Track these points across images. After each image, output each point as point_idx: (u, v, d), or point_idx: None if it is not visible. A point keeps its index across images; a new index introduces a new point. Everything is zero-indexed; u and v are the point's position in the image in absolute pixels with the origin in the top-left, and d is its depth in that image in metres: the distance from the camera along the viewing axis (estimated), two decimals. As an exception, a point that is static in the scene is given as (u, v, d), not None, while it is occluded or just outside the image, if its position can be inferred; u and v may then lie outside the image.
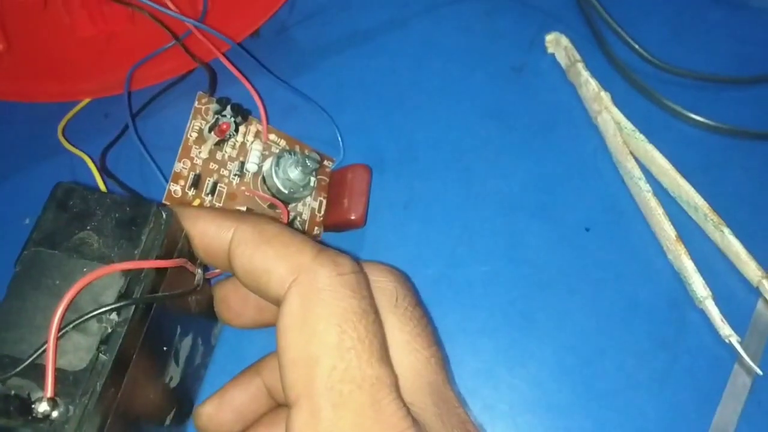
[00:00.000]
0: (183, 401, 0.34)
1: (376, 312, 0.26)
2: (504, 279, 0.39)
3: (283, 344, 0.25)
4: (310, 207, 0.40)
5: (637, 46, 0.46)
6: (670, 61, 0.46)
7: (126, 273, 0.25)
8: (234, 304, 0.33)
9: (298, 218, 0.40)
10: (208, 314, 0.34)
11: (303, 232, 0.39)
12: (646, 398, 0.37)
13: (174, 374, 0.31)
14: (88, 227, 0.26)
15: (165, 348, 0.29)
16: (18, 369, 0.23)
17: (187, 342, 0.32)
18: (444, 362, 0.28)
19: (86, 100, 0.44)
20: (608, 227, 0.41)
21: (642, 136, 0.42)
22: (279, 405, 0.33)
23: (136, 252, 0.26)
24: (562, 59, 0.46)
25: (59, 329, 0.23)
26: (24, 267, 0.25)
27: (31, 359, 0.23)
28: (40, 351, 0.23)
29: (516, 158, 0.43)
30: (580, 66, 0.44)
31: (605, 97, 0.43)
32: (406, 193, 0.42)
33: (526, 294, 0.39)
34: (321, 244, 0.27)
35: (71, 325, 0.24)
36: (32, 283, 0.25)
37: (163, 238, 0.26)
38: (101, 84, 0.44)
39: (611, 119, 0.42)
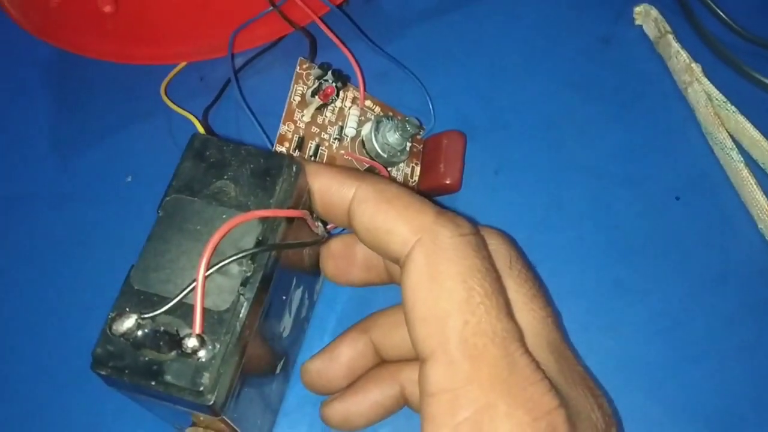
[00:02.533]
0: (289, 353, 0.35)
1: (497, 271, 0.27)
2: (593, 244, 0.40)
3: (411, 302, 0.26)
4: (403, 173, 0.41)
5: (726, 18, 0.46)
6: (759, 34, 0.46)
7: (263, 220, 0.26)
8: (342, 261, 0.34)
9: (393, 181, 0.40)
10: (314, 270, 0.35)
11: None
12: (735, 365, 0.37)
13: (287, 325, 0.32)
14: (225, 176, 0.27)
15: (284, 297, 0.30)
16: (167, 306, 0.24)
17: (298, 295, 0.33)
18: (558, 322, 0.29)
19: (182, 64, 0.45)
20: (698, 197, 0.41)
21: (733, 108, 0.42)
22: (384, 361, 0.34)
23: (271, 201, 0.27)
24: (650, 31, 0.47)
25: (207, 269, 0.25)
26: (166, 212, 0.27)
27: (179, 297, 0.25)
28: (188, 290, 0.25)
29: (604, 128, 0.44)
30: (671, 37, 0.45)
31: (696, 68, 0.43)
32: (496, 159, 0.43)
33: (615, 259, 0.40)
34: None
35: (217, 267, 0.25)
36: (175, 227, 0.26)
37: (294, 190, 0.28)
38: (197, 48, 0.45)
39: (702, 90, 0.43)
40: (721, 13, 0.46)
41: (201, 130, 0.40)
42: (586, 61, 0.46)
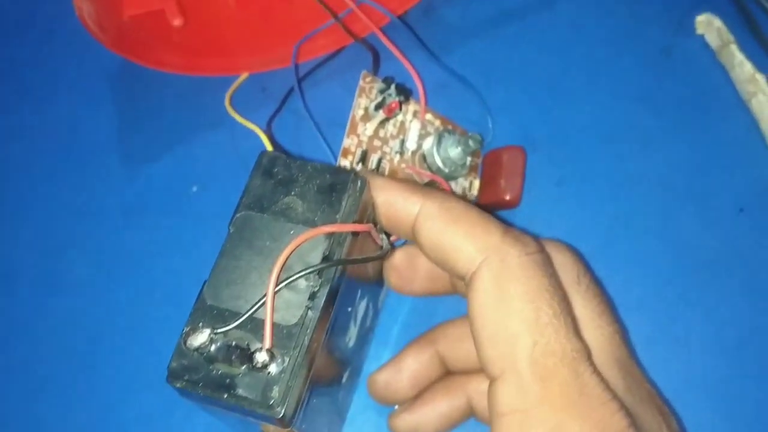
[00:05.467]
0: (355, 363, 0.36)
1: (563, 289, 0.27)
2: (658, 258, 0.40)
3: (479, 321, 0.26)
4: (461, 186, 0.41)
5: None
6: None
7: (329, 236, 0.27)
8: (405, 272, 0.35)
9: (453, 194, 0.41)
10: (379, 280, 0.36)
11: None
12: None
13: (352, 335, 0.33)
14: (293, 192, 0.28)
15: (349, 309, 0.31)
16: (238, 321, 0.25)
17: (363, 305, 0.33)
18: (625, 338, 0.29)
19: (245, 75, 0.46)
20: (762, 209, 0.41)
21: (800, 120, 0.41)
22: (450, 372, 0.35)
23: (337, 216, 0.27)
24: (712, 41, 0.46)
25: (276, 286, 0.25)
26: (237, 228, 0.27)
27: (249, 313, 0.25)
28: (258, 305, 0.25)
29: (666, 140, 0.43)
30: (734, 47, 0.44)
31: (761, 79, 0.42)
32: (557, 172, 0.43)
33: (681, 273, 0.39)
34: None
35: (285, 282, 0.25)
36: (245, 243, 0.27)
37: (359, 204, 0.28)
38: (262, 59, 0.46)
39: (767, 101, 0.42)
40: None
41: (266, 141, 0.41)
42: (647, 72, 0.46)
